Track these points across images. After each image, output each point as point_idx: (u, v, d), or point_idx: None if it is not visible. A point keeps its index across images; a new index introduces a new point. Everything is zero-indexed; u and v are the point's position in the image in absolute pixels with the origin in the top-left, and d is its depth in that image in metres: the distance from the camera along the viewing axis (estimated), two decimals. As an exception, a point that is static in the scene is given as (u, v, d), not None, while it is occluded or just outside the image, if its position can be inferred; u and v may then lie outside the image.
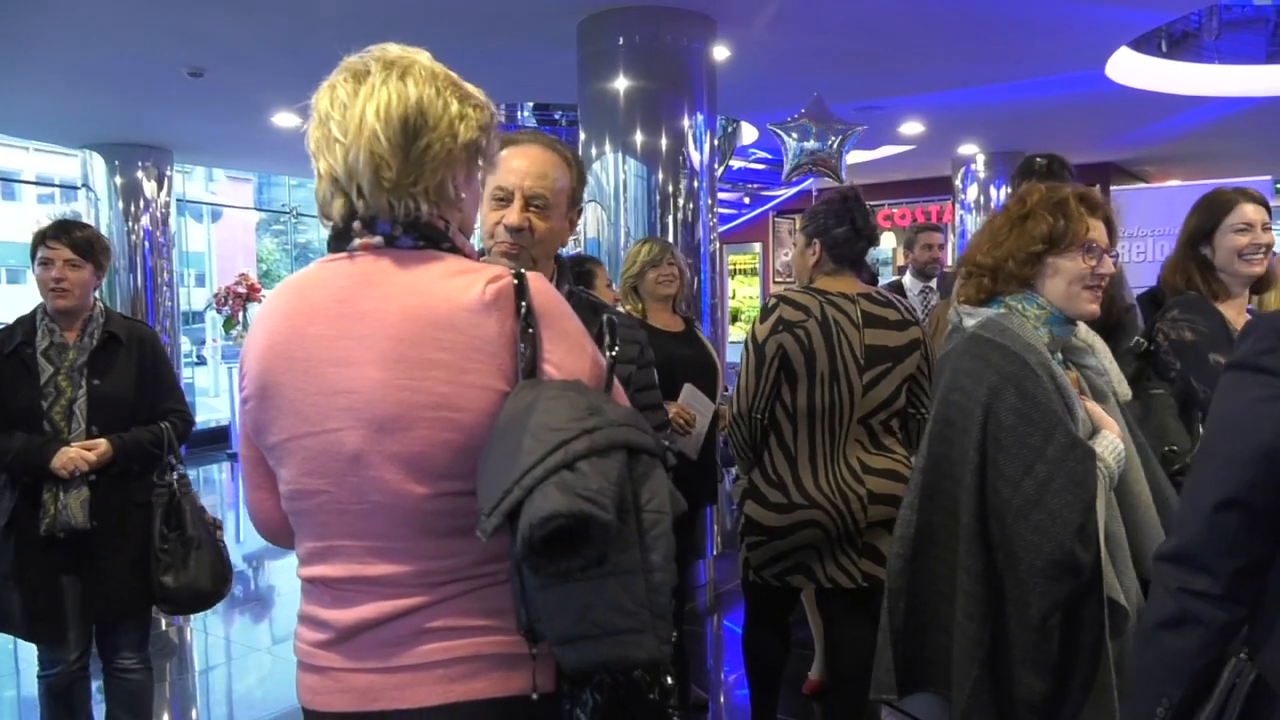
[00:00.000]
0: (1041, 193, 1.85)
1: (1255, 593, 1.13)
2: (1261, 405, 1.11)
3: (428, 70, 1.16)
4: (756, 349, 2.46)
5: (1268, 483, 1.10)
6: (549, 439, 0.98)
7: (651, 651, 1.00)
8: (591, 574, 0.98)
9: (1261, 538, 1.12)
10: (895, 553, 1.94)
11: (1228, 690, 1.12)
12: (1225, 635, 1.14)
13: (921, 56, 6.07)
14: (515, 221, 1.56)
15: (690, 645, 4.22)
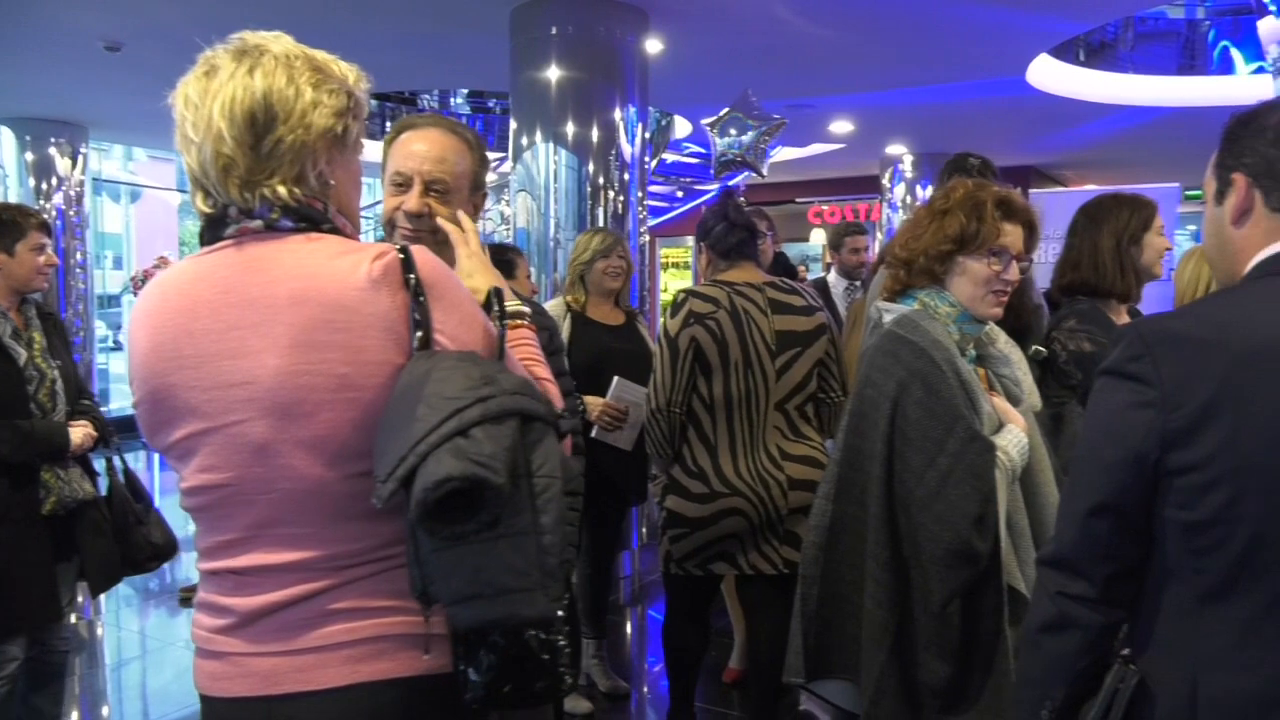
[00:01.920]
0: (966, 190, 1.89)
1: (1131, 596, 1.17)
2: (1130, 412, 1.12)
3: (281, 58, 1.13)
4: (670, 344, 2.50)
5: (1135, 489, 1.12)
6: (444, 407, 1.00)
7: (542, 609, 1.03)
8: (484, 536, 1.00)
9: (1133, 542, 1.14)
10: (810, 541, 1.98)
11: (1112, 693, 1.15)
12: (1103, 637, 1.17)
13: (850, 57, 6.18)
14: (414, 207, 1.53)
15: (613, 636, 4.24)
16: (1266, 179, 1.16)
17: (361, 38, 5.49)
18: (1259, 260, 1.16)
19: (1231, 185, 1.20)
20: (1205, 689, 1.08)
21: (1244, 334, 1.08)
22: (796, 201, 12.60)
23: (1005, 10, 5.24)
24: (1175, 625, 1.12)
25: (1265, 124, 1.17)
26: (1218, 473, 1.06)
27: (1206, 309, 1.20)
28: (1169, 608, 1.12)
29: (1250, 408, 1.05)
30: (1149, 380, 1.10)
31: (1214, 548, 1.07)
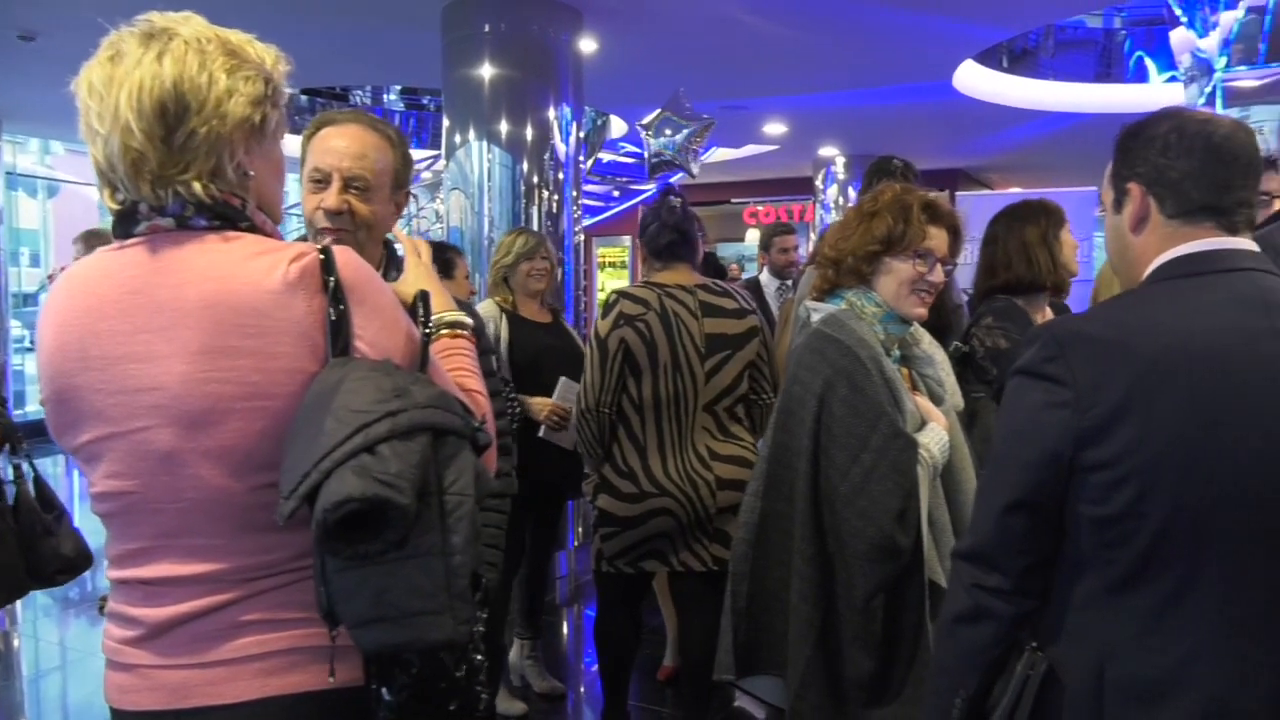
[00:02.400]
0: (893, 193, 1.94)
1: (1043, 587, 1.20)
2: (1044, 411, 1.15)
3: (192, 41, 1.06)
4: (600, 345, 2.51)
5: (1051, 485, 1.15)
6: (350, 421, 0.97)
7: (448, 633, 1.00)
8: (390, 557, 0.97)
9: (1046, 537, 1.18)
10: (739, 538, 2.01)
11: (1022, 681, 1.18)
12: (1015, 627, 1.20)
13: (781, 59, 6.26)
14: (333, 204, 1.49)
15: (549, 636, 4.23)
16: (1159, 187, 1.21)
17: (290, 31, 5.34)
18: (1158, 265, 1.21)
19: (1128, 194, 1.25)
20: (1111, 675, 1.12)
21: (1149, 337, 1.13)
22: (732, 202, 12.71)
23: (931, 17, 5.37)
24: (1084, 615, 1.16)
25: (1154, 134, 1.23)
26: (1127, 470, 1.10)
27: (1114, 312, 1.25)
28: (1079, 598, 1.16)
29: (1156, 408, 1.10)
30: (1063, 381, 1.14)
31: (1122, 541, 1.11)
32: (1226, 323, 1.13)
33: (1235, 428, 1.09)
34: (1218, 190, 1.19)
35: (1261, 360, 1.10)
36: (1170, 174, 1.20)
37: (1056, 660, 1.17)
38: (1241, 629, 1.09)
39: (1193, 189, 1.19)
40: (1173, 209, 1.21)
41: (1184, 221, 1.20)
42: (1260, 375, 1.10)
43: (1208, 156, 1.19)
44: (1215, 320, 1.13)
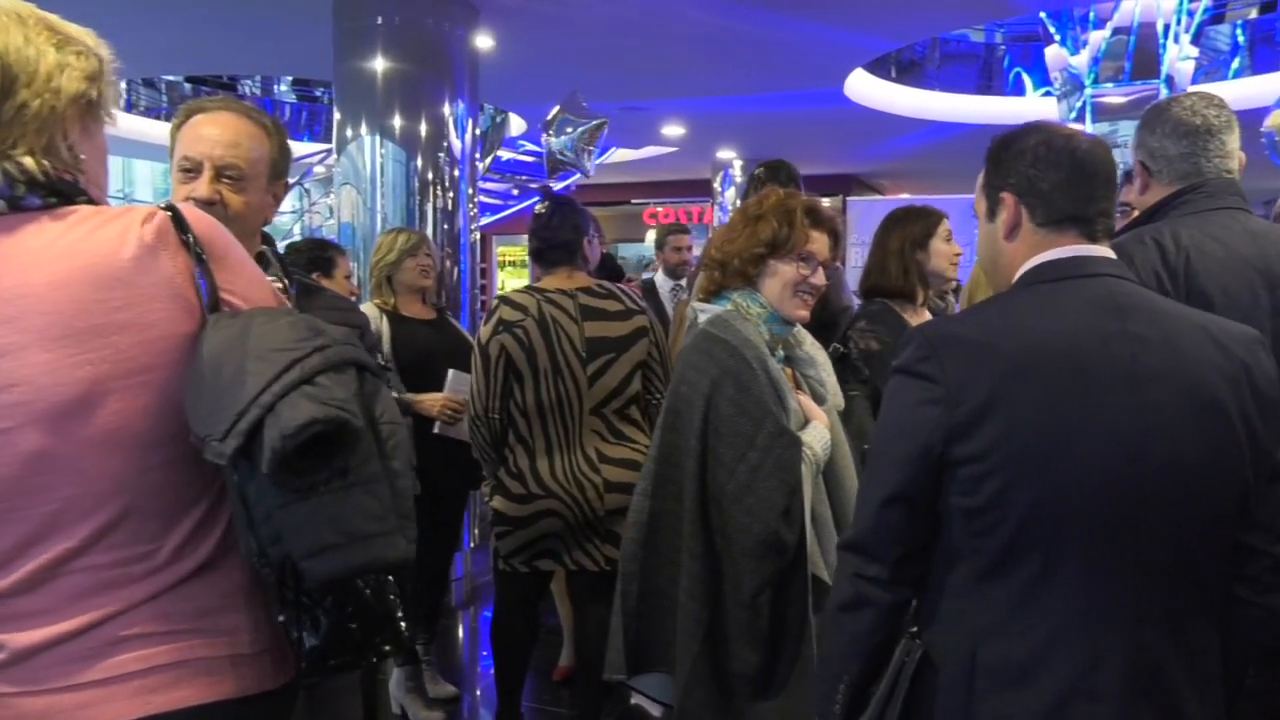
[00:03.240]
0: (778, 198, 1.99)
1: (920, 576, 1.26)
2: (919, 409, 1.21)
3: (12, 14, 1.01)
4: (482, 351, 2.50)
5: (924, 479, 1.20)
6: (279, 359, 0.97)
7: (403, 551, 1.03)
8: (335, 485, 0.99)
9: (922, 528, 1.23)
10: (629, 538, 2.02)
11: (898, 666, 1.24)
12: (894, 615, 1.26)
13: (678, 62, 6.32)
14: (205, 194, 1.44)
15: (445, 639, 4.17)
16: (1030, 197, 1.28)
17: (176, 15, 5.15)
18: (1026, 270, 1.28)
19: (1002, 203, 1.31)
20: (982, 658, 1.18)
21: (1013, 338, 1.20)
22: (632, 203, 12.77)
23: (822, 26, 5.51)
24: (957, 601, 1.22)
25: (1023, 147, 1.30)
26: (992, 464, 1.16)
27: (983, 314, 1.32)
28: (952, 585, 1.22)
29: (1017, 405, 1.16)
30: (935, 379, 1.20)
31: (989, 531, 1.17)
32: (1083, 324, 1.19)
33: (1088, 424, 1.15)
34: (1082, 201, 1.26)
35: (1113, 360, 1.17)
36: (1040, 185, 1.27)
37: (932, 645, 1.23)
38: (1096, 614, 1.15)
39: (1060, 199, 1.26)
40: (1042, 218, 1.27)
41: (1051, 230, 1.27)
42: (1111, 374, 1.16)
43: (1073, 170, 1.26)
44: (1073, 322, 1.20)
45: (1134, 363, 1.17)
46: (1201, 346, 1.19)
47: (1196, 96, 1.82)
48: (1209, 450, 1.16)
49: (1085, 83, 6.05)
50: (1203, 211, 1.72)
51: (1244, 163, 1.79)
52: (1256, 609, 1.24)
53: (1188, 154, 1.77)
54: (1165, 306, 1.25)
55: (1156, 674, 1.16)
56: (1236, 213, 1.73)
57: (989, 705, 1.17)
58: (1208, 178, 1.75)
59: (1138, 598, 1.16)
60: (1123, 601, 1.16)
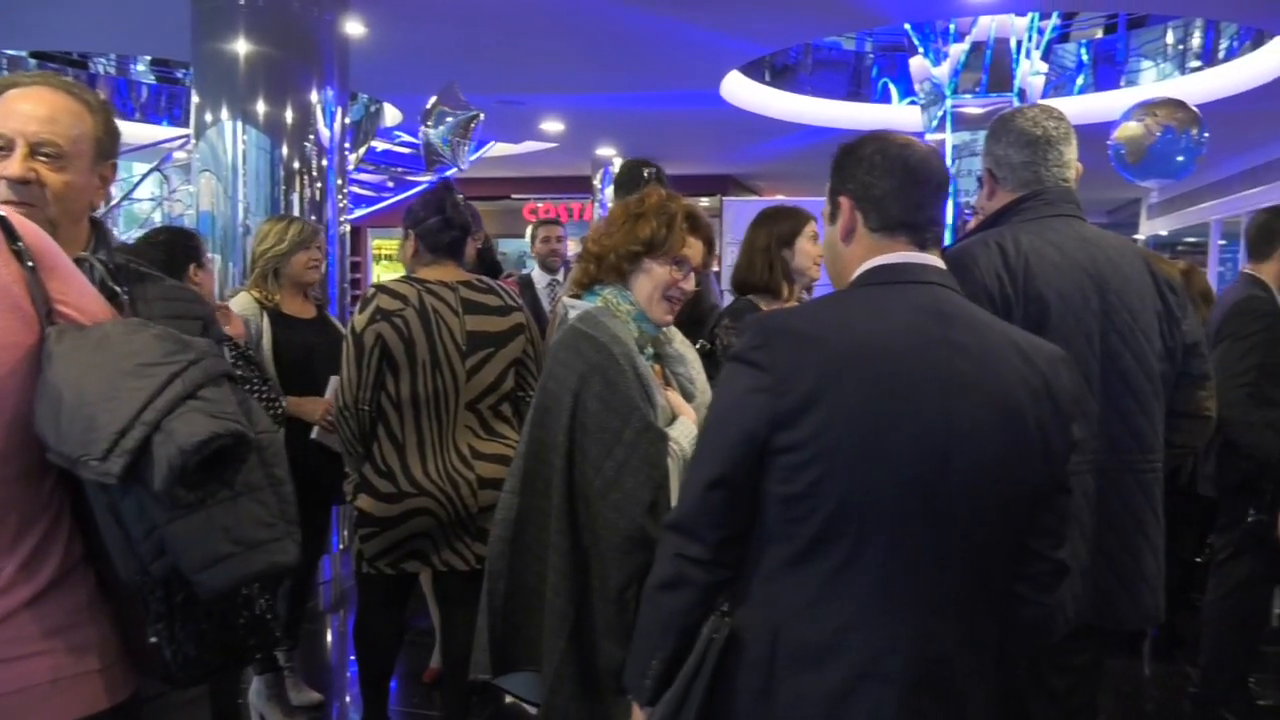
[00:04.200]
0: (660, 199, 1.99)
1: (738, 558, 1.30)
2: (747, 395, 1.25)
3: None
4: (356, 340, 2.42)
5: (747, 464, 1.24)
6: (155, 373, 0.96)
7: (294, 555, 1.04)
8: (224, 496, 0.99)
9: (742, 511, 1.27)
10: (496, 535, 1.99)
11: (706, 643, 1.27)
12: (711, 595, 1.29)
13: (556, 57, 6.29)
14: (17, 172, 1.32)
15: (312, 644, 4.05)
16: (865, 202, 1.34)
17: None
18: (860, 272, 1.34)
19: (840, 207, 1.37)
20: (784, 639, 1.23)
21: (841, 334, 1.25)
22: (512, 198, 12.65)
23: (697, 27, 5.58)
24: (767, 584, 1.26)
25: (862, 154, 1.35)
26: (811, 454, 1.21)
27: (817, 309, 1.38)
28: (764, 569, 1.27)
29: (838, 398, 1.21)
30: (765, 367, 1.24)
31: (802, 518, 1.22)
32: (905, 327, 1.25)
33: (900, 421, 1.21)
34: (912, 209, 1.32)
35: (930, 363, 1.23)
36: (875, 191, 1.33)
37: (740, 625, 1.27)
38: (891, 603, 1.22)
39: (892, 206, 1.32)
40: (875, 223, 1.33)
41: (883, 235, 1.33)
42: (926, 377, 1.22)
43: (905, 177, 1.32)
44: (896, 324, 1.26)
45: (949, 368, 1.23)
46: (1010, 359, 1.26)
47: (1038, 109, 1.93)
48: (1008, 456, 1.23)
49: (946, 93, 6.35)
50: (1042, 218, 1.82)
51: (1080, 172, 1.91)
52: (1035, 606, 1.33)
53: (1029, 163, 1.87)
54: (983, 319, 1.32)
55: (941, 661, 1.23)
56: (1072, 220, 1.84)
57: (786, 685, 1.22)
58: (1047, 186, 1.85)
59: (931, 590, 1.22)
60: (917, 592, 1.22)
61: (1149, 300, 1.81)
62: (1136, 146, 5.05)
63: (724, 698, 1.27)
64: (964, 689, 1.25)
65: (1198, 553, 3.80)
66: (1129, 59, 7.83)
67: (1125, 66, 7.83)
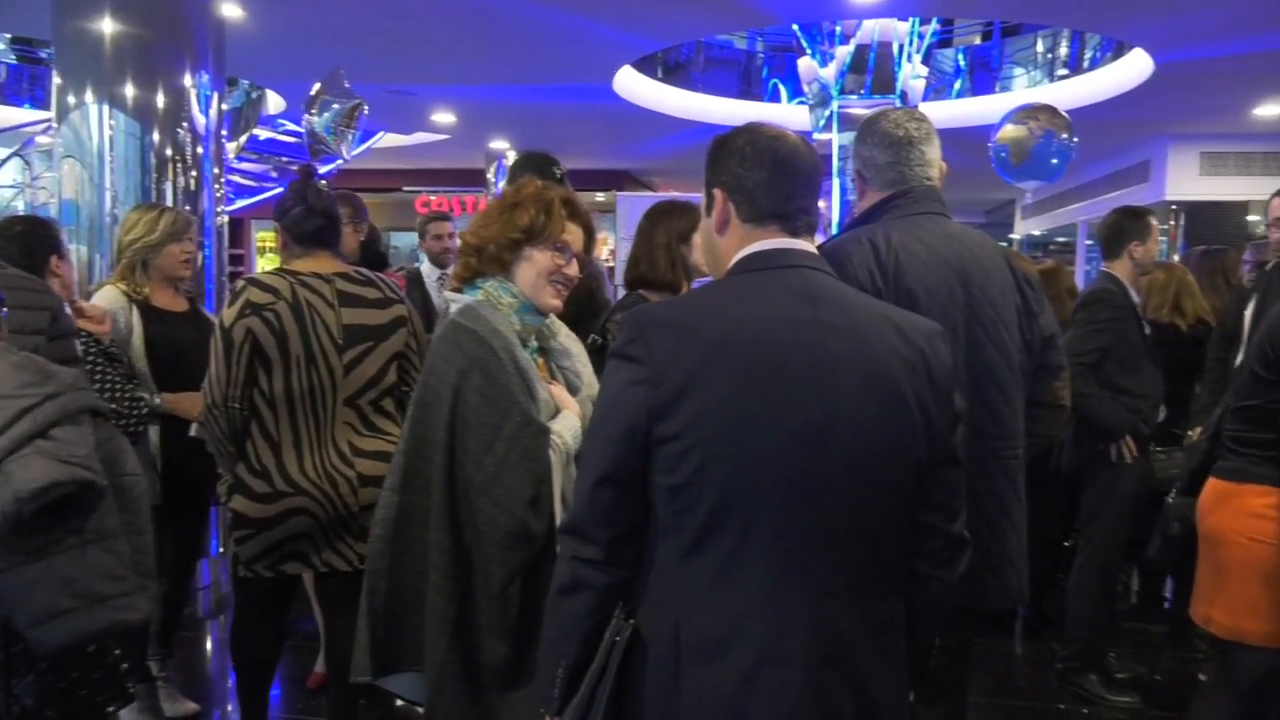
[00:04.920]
0: (535, 188, 1.98)
1: (633, 557, 1.28)
2: (626, 389, 1.24)
3: None
4: (224, 335, 2.31)
5: (632, 459, 1.24)
6: (4, 408, 0.89)
7: (145, 611, 0.99)
8: (71, 544, 0.92)
9: (632, 508, 1.26)
10: (376, 535, 1.95)
11: (609, 646, 1.26)
12: (609, 596, 1.28)
13: (446, 47, 6.19)
14: None
15: (190, 652, 3.88)
16: (737, 194, 1.35)
17: None
18: (735, 261, 1.35)
19: (714, 199, 1.38)
20: (685, 634, 1.23)
21: (714, 322, 1.26)
22: (404, 190, 12.39)
23: (589, 21, 5.57)
24: (663, 579, 1.25)
25: (734, 147, 1.36)
26: (690, 442, 1.21)
27: (691, 300, 1.39)
28: (659, 563, 1.26)
29: (714, 385, 1.22)
30: (642, 360, 1.24)
31: (689, 508, 1.22)
32: (778, 311, 1.26)
33: (776, 405, 1.22)
34: (783, 199, 1.34)
35: (804, 345, 1.24)
36: (746, 183, 1.34)
37: (642, 624, 1.26)
38: (784, 587, 1.22)
39: (763, 197, 1.34)
40: (747, 214, 1.34)
41: (755, 225, 1.34)
42: (801, 359, 1.24)
43: (775, 169, 1.34)
44: (769, 309, 1.27)
45: (823, 349, 1.24)
46: (885, 336, 1.28)
47: (900, 111, 2.00)
48: (888, 433, 1.25)
49: (833, 94, 6.51)
50: (911, 216, 1.89)
51: (944, 171, 1.98)
52: (935, 582, 1.35)
53: (894, 163, 1.93)
54: (855, 298, 1.34)
55: (840, 641, 1.23)
56: (937, 218, 1.91)
57: (692, 679, 1.22)
58: (912, 185, 1.92)
59: (824, 572, 1.23)
60: (810, 575, 1.22)
61: (1009, 295, 1.90)
62: (1020, 149, 5.30)
63: (632, 698, 1.26)
64: (866, 670, 1.26)
65: (1064, 536, 4.03)
66: (1003, 65, 8.21)
67: (1000, 73, 8.20)
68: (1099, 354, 3.20)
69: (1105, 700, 3.33)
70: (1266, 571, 2.04)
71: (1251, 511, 2.08)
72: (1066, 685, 3.45)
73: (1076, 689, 3.40)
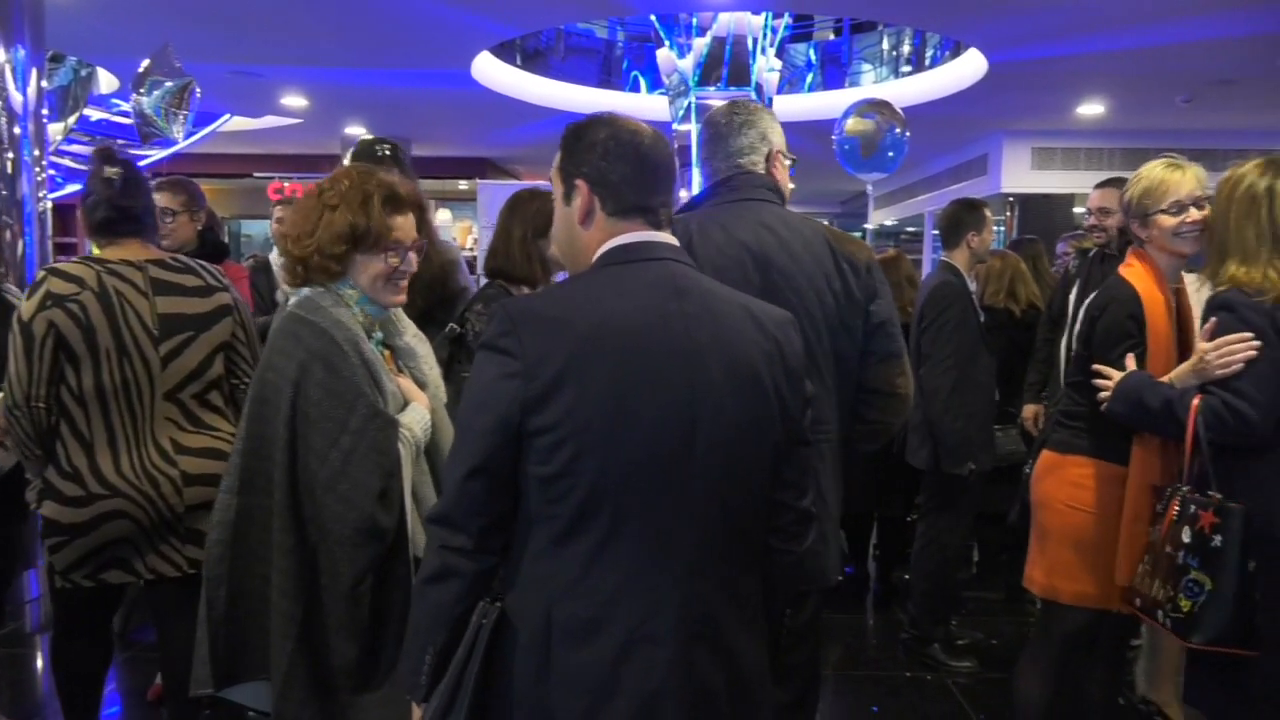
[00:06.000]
0: (352, 181, 1.85)
1: (503, 544, 1.31)
2: (497, 383, 1.26)
3: None
4: (24, 330, 2.14)
5: (504, 450, 1.26)
6: None
7: None
8: None
9: (503, 498, 1.29)
10: (214, 539, 1.86)
11: (476, 630, 1.28)
12: (479, 583, 1.30)
13: (296, 26, 5.93)
14: None
15: (17, 671, 3.62)
16: (601, 187, 1.37)
17: None
18: (601, 253, 1.37)
19: (577, 190, 1.38)
20: (556, 616, 1.26)
21: (586, 315, 1.28)
22: (256, 176, 11.84)
23: (447, 5, 5.45)
24: (535, 565, 1.28)
25: (594, 139, 1.38)
26: (564, 434, 1.23)
27: (563, 292, 1.39)
28: (531, 551, 1.28)
29: (587, 378, 1.24)
30: (514, 353, 1.25)
31: (562, 497, 1.25)
32: (646, 304, 1.30)
33: (646, 395, 1.26)
34: (646, 193, 1.37)
35: (669, 337, 1.28)
36: (611, 176, 1.36)
37: (512, 608, 1.28)
38: (656, 568, 1.26)
39: (627, 191, 1.36)
40: (612, 207, 1.37)
41: (620, 218, 1.37)
42: (667, 350, 1.28)
43: (638, 164, 1.37)
44: (637, 302, 1.30)
45: (689, 339, 1.29)
46: (744, 326, 1.34)
47: (727, 103, 2.07)
48: (749, 418, 1.31)
49: (691, 85, 6.60)
50: (729, 202, 1.95)
51: (778, 156, 2.03)
52: (787, 555, 1.43)
53: (716, 153, 2.01)
54: (716, 290, 1.38)
55: (708, 619, 1.29)
56: (755, 204, 1.96)
57: (562, 660, 1.25)
58: (731, 173, 1.98)
59: (692, 553, 1.28)
60: (678, 557, 1.27)
61: (819, 280, 1.93)
62: (870, 141, 5.51)
63: (502, 683, 1.28)
64: (733, 643, 1.31)
65: (908, 512, 4.24)
66: (853, 61, 8.52)
67: (849, 68, 8.51)
68: (953, 359, 3.37)
69: (947, 666, 3.53)
70: (1079, 537, 2.20)
71: (1072, 480, 2.23)
72: (912, 654, 3.63)
73: (921, 657, 3.59)
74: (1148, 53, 6.24)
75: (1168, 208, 2.17)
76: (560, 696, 1.25)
